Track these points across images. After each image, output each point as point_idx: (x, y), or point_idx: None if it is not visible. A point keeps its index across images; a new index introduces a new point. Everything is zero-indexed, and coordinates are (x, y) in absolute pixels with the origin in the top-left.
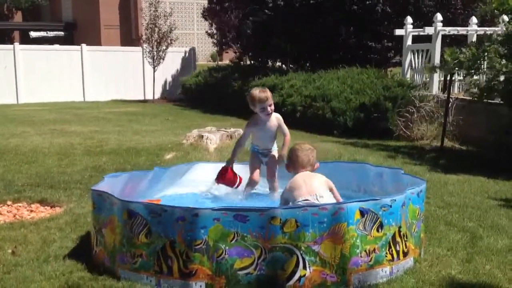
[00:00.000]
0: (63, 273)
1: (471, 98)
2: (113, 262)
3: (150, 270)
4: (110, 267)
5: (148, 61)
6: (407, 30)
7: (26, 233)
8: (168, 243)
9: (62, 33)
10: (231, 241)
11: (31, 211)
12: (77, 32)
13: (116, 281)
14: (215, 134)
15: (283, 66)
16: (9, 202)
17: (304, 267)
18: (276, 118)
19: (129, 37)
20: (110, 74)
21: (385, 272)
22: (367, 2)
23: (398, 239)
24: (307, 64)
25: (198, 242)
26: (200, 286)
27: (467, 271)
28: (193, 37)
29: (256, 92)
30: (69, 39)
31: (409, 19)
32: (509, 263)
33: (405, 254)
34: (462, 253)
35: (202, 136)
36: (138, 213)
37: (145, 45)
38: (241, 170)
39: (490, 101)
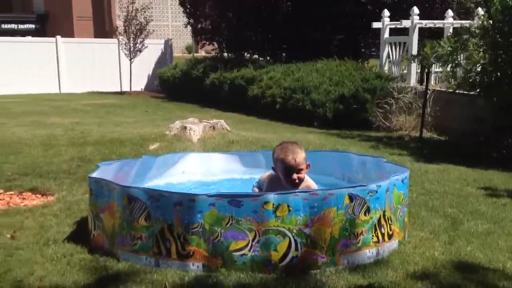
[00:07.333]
0: (64, 255)
1: (447, 90)
2: (113, 244)
3: (149, 252)
4: (109, 249)
5: (125, 53)
6: (384, 23)
7: (23, 219)
8: (166, 226)
9: (33, 25)
10: (226, 224)
11: (23, 199)
12: (49, 23)
13: (116, 262)
14: (198, 126)
15: (260, 58)
16: (0, 191)
17: (296, 249)
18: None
19: (102, 29)
20: (86, 66)
21: (372, 253)
22: None
23: (383, 222)
24: (283, 55)
25: (195, 225)
26: (197, 266)
27: (450, 252)
28: (168, 29)
29: (279, 151)
30: (41, 31)
31: (386, 12)
32: (489, 245)
33: (390, 237)
34: (444, 236)
35: (185, 127)
36: (138, 198)
37: (121, 37)
38: None
39: (466, 92)
